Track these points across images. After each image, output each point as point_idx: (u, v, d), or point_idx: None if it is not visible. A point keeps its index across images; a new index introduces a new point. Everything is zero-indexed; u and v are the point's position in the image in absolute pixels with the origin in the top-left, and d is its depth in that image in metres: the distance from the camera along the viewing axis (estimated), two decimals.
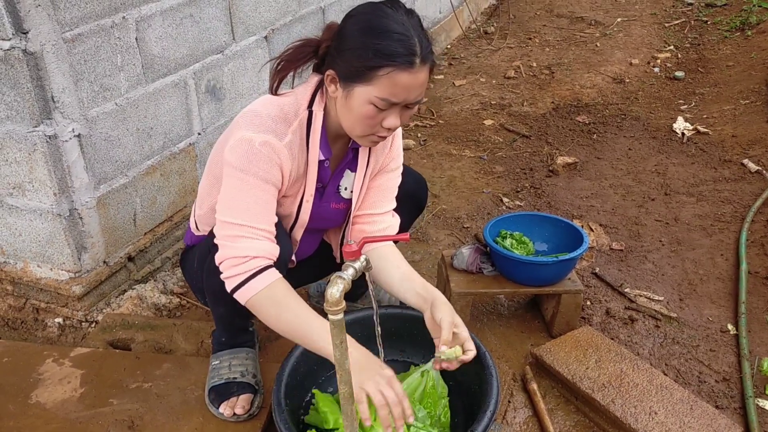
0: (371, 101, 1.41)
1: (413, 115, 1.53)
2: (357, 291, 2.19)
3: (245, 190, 1.48)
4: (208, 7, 2.43)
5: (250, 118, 1.51)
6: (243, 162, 1.47)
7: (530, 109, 4.22)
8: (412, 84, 1.40)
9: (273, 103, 1.54)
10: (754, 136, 3.66)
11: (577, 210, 3.08)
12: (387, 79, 1.38)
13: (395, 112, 1.45)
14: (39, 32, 1.80)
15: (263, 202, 1.50)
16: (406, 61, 1.37)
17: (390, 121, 1.46)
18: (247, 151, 1.47)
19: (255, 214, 1.49)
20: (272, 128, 1.50)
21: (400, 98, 1.41)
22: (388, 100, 1.41)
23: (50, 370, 1.90)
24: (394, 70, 1.37)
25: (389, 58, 1.37)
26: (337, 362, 1.24)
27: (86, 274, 2.15)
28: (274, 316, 1.49)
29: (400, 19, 1.40)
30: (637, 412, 1.79)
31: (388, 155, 1.73)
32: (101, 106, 2.06)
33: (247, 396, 1.74)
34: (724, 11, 5.88)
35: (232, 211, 1.49)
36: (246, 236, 1.48)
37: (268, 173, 1.49)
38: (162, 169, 2.38)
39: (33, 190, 2.00)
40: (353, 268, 1.27)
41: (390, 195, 1.77)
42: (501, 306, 2.40)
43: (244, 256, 1.47)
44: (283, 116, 1.53)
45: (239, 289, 1.48)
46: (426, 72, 1.43)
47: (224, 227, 1.50)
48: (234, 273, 1.48)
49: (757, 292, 2.46)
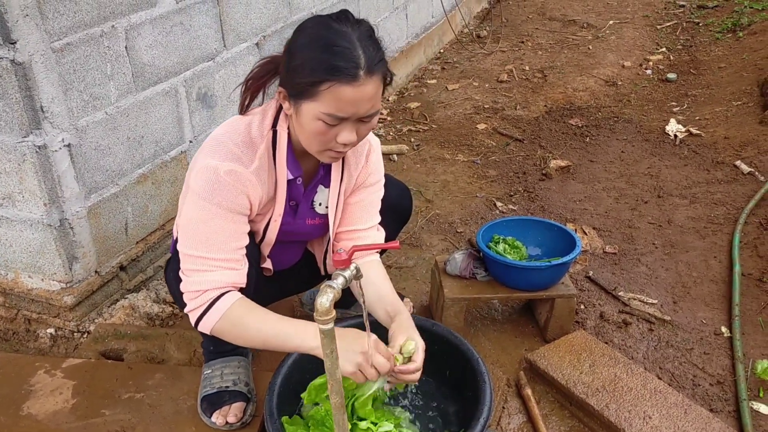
0: (318, 117, 1.38)
1: (373, 128, 1.49)
2: (350, 298, 2.18)
3: (205, 220, 1.47)
4: (198, 14, 2.43)
5: (215, 145, 1.49)
6: (206, 191, 1.46)
7: (523, 113, 4.22)
8: (358, 97, 1.35)
9: (239, 127, 1.53)
10: (746, 137, 3.67)
11: (571, 213, 3.08)
12: (329, 94, 1.34)
13: (347, 126, 1.41)
14: (27, 42, 1.79)
15: (224, 231, 1.49)
16: (348, 75, 1.33)
17: (344, 136, 1.41)
18: (210, 179, 1.46)
19: (213, 244, 1.48)
20: (238, 156, 1.49)
21: (347, 113, 1.37)
22: (334, 115, 1.37)
23: (42, 381, 1.89)
24: (335, 84, 1.33)
25: (330, 73, 1.33)
26: (328, 371, 1.23)
27: (78, 284, 2.14)
28: (241, 337, 1.51)
29: (343, 32, 1.36)
30: (632, 417, 1.79)
31: (364, 170, 1.70)
32: (91, 115, 2.05)
33: (239, 404, 1.74)
34: (716, 13, 5.90)
35: (190, 242, 1.49)
36: (201, 269, 1.49)
37: (233, 202, 1.48)
38: (153, 177, 2.37)
39: (23, 201, 1.99)
40: (343, 277, 1.26)
41: (373, 210, 1.75)
42: (495, 311, 2.40)
43: (197, 290, 1.49)
44: (250, 141, 1.52)
45: (200, 323, 1.50)
46: (375, 84, 1.37)
47: (183, 259, 1.51)
48: (192, 307, 1.50)
49: (751, 294, 2.46)
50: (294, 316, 2.28)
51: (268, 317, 1.49)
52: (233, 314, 1.48)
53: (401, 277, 2.61)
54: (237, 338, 1.52)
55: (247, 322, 1.49)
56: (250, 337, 1.50)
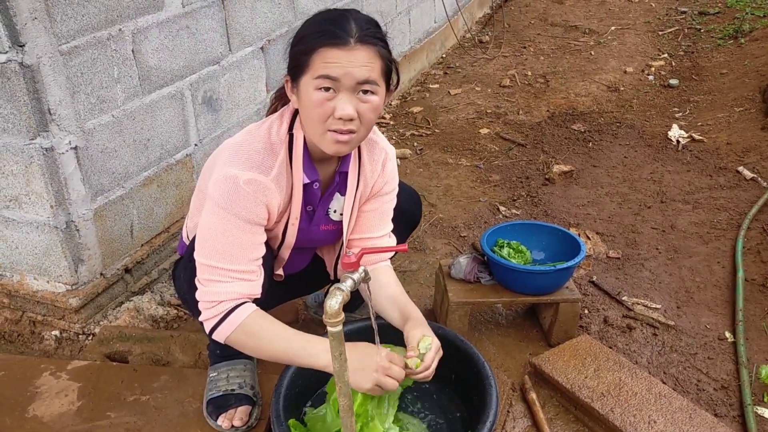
0: (315, 86, 1.38)
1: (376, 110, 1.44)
2: (355, 302, 2.19)
3: (223, 230, 1.47)
4: (204, 18, 2.44)
5: (235, 153, 1.49)
6: (225, 200, 1.46)
7: (526, 118, 4.23)
8: (349, 59, 1.36)
9: (260, 133, 1.53)
10: (748, 143, 3.68)
11: (574, 218, 3.09)
12: (319, 57, 1.37)
13: (344, 96, 1.39)
14: (35, 45, 1.80)
15: (241, 243, 1.49)
16: (336, 37, 1.36)
17: (340, 107, 1.39)
18: (230, 189, 1.46)
19: (230, 255, 1.48)
20: (258, 163, 1.49)
21: (339, 72, 1.36)
22: (326, 75, 1.36)
23: (47, 383, 1.89)
24: (323, 47, 1.36)
25: (318, 38, 1.37)
26: (336, 374, 1.24)
27: (83, 287, 2.14)
28: (254, 349, 1.53)
29: (341, 11, 1.42)
30: (636, 421, 1.79)
31: (380, 178, 1.70)
32: (98, 118, 2.06)
33: (245, 408, 1.74)
34: (718, 19, 5.92)
35: (207, 251, 1.49)
36: (217, 280, 1.49)
37: (251, 213, 1.48)
38: (159, 180, 2.38)
39: (30, 203, 2.00)
40: (352, 279, 1.27)
41: (386, 218, 1.76)
42: (499, 315, 2.40)
43: (213, 300, 1.50)
44: (270, 147, 1.52)
45: (215, 332, 1.51)
46: (368, 53, 1.38)
47: (199, 268, 1.51)
48: (207, 316, 1.51)
49: (754, 299, 2.47)
50: (299, 318, 2.31)
51: (282, 332, 1.50)
52: (248, 327, 1.49)
53: (405, 281, 2.61)
54: (250, 350, 1.54)
55: (261, 335, 1.50)
56: (262, 349, 1.51)
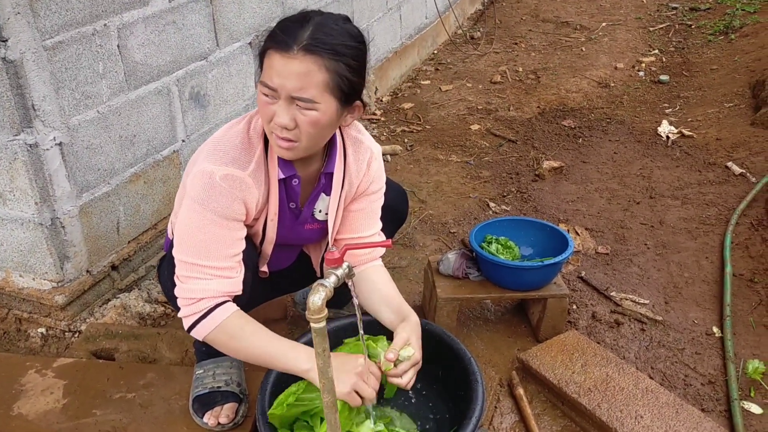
0: (260, 88, 1.40)
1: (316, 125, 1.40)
2: (343, 298, 2.18)
3: (201, 226, 1.47)
4: (191, 13, 2.42)
5: (213, 148, 1.49)
6: (202, 196, 1.45)
7: (516, 114, 4.23)
8: (284, 70, 1.34)
9: (239, 128, 1.53)
10: (738, 138, 3.69)
11: (563, 214, 3.09)
12: (266, 61, 1.38)
13: (282, 104, 1.37)
14: (19, 40, 1.78)
15: (218, 238, 1.48)
16: (281, 42, 1.35)
17: (277, 116, 1.38)
18: (207, 184, 1.45)
19: (207, 251, 1.47)
20: (235, 158, 1.48)
21: (274, 82, 1.35)
22: (264, 83, 1.37)
23: (33, 381, 1.88)
24: (269, 50, 1.37)
25: (269, 39, 1.38)
26: (320, 370, 1.23)
27: (69, 284, 2.13)
28: (234, 350, 1.53)
29: (306, 13, 1.41)
30: (623, 416, 1.79)
31: (365, 177, 1.68)
32: (83, 114, 2.04)
33: (231, 405, 1.73)
34: (708, 15, 5.93)
35: (185, 248, 1.49)
36: (195, 276, 1.48)
37: (228, 208, 1.47)
38: (146, 176, 2.36)
39: (14, 200, 1.98)
40: (335, 275, 1.26)
41: (374, 217, 1.75)
42: (488, 311, 2.40)
43: (192, 297, 1.49)
44: (248, 142, 1.51)
45: (193, 329, 1.51)
46: (308, 64, 1.33)
47: (178, 265, 1.50)
48: (186, 313, 1.50)
49: (742, 294, 2.48)
50: (287, 315, 2.30)
51: (262, 335, 1.50)
52: (228, 327, 1.49)
53: (394, 277, 2.57)
54: (229, 350, 1.53)
55: (242, 336, 1.49)
56: (242, 351, 1.51)
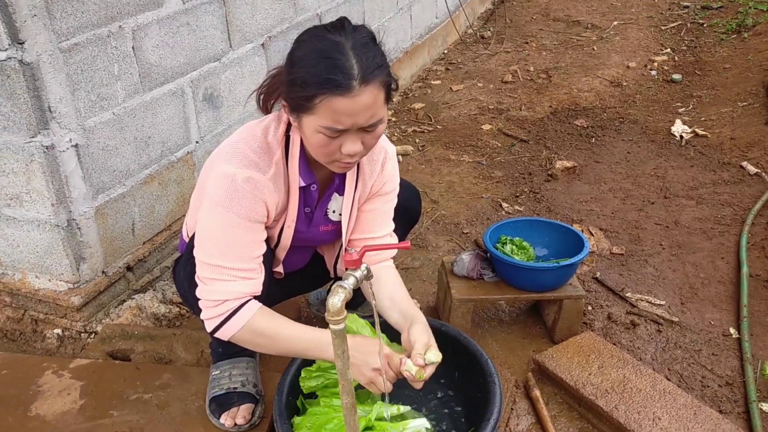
0: (318, 131, 1.36)
1: (380, 135, 1.44)
2: (357, 300, 2.18)
3: (224, 228, 1.46)
4: (204, 15, 2.43)
5: (232, 152, 1.48)
6: (225, 199, 1.45)
7: (528, 114, 4.22)
8: (354, 108, 1.32)
9: (256, 133, 1.52)
10: (752, 138, 3.66)
11: (577, 214, 3.07)
12: (325, 107, 1.31)
13: (350, 137, 1.37)
14: (35, 42, 1.79)
15: (242, 241, 1.48)
16: (341, 86, 1.29)
17: (347, 147, 1.38)
18: (229, 187, 1.45)
19: (231, 254, 1.48)
20: (255, 162, 1.47)
21: (345, 124, 1.34)
22: (332, 128, 1.34)
23: (50, 381, 1.89)
24: (328, 96, 1.30)
25: (322, 86, 1.30)
26: (339, 372, 1.23)
27: (85, 285, 2.13)
28: (264, 346, 1.55)
29: (336, 42, 1.33)
30: (641, 418, 1.78)
31: (379, 178, 1.68)
32: (98, 115, 2.05)
33: (248, 406, 1.73)
34: (720, 14, 5.89)
35: (208, 250, 1.48)
36: (219, 278, 1.48)
37: (251, 210, 1.47)
38: (160, 178, 2.37)
39: (30, 201, 1.99)
40: (354, 277, 1.26)
41: (387, 217, 1.74)
42: (502, 312, 2.39)
43: (215, 299, 1.49)
44: (267, 146, 1.50)
45: (218, 330, 1.51)
46: (372, 92, 1.33)
47: (200, 266, 1.50)
48: (210, 315, 1.50)
49: (759, 295, 2.46)
50: (300, 316, 2.30)
51: (291, 328, 1.52)
52: (255, 325, 1.50)
53: (407, 278, 2.60)
54: (257, 347, 1.55)
55: (270, 333, 1.51)
56: (273, 346, 1.53)
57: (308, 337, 1.50)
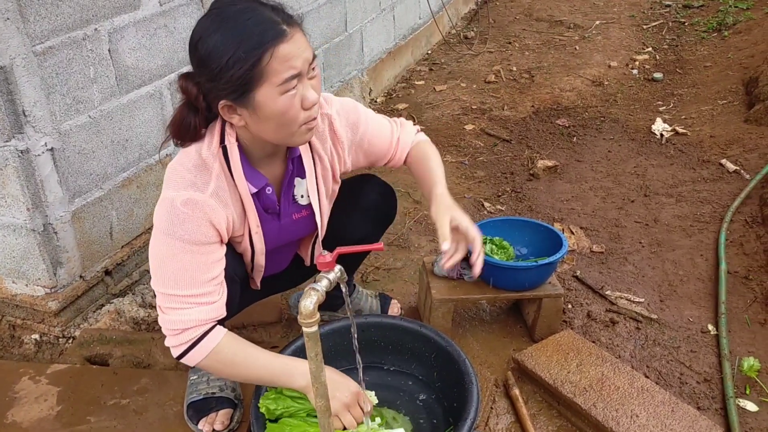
0: (279, 92, 1.32)
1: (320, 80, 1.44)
2: (337, 301, 2.18)
3: (171, 256, 1.43)
4: (182, 17, 2.41)
5: (170, 175, 1.46)
6: (166, 225, 1.42)
7: (511, 114, 4.23)
8: (296, 49, 1.32)
9: (190, 152, 1.47)
10: (731, 136, 3.69)
11: (558, 213, 3.09)
12: (274, 61, 1.29)
13: (305, 86, 1.36)
14: (8, 46, 1.77)
15: (192, 266, 1.44)
16: (278, 33, 1.30)
17: (309, 95, 1.36)
18: (169, 213, 1.42)
19: (183, 281, 1.44)
20: (192, 181, 1.44)
21: (299, 66, 1.33)
22: (291, 75, 1.32)
23: (26, 387, 1.88)
24: (271, 48, 1.28)
25: (261, 44, 1.28)
26: (313, 375, 1.23)
27: (62, 290, 2.12)
28: (229, 374, 1.55)
29: (238, 9, 1.31)
30: (619, 416, 1.79)
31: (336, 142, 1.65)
32: (74, 119, 2.04)
33: (226, 411, 1.72)
34: (701, 12, 5.94)
35: (161, 279, 1.46)
36: (176, 307, 1.46)
37: (196, 233, 1.43)
38: (138, 181, 2.36)
39: (5, 206, 1.97)
40: (327, 279, 1.26)
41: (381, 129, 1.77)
42: (483, 311, 2.40)
43: (175, 329, 1.46)
44: (202, 163, 1.46)
45: (183, 358, 1.49)
46: (299, 31, 1.34)
47: (157, 295, 1.49)
48: (173, 343, 1.48)
49: (737, 291, 2.48)
50: (282, 318, 2.29)
51: (255, 356, 1.50)
52: (221, 353, 1.48)
53: (389, 278, 2.60)
54: (222, 375, 1.55)
55: (236, 361, 1.49)
56: (237, 375, 1.52)
57: (276, 364, 1.50)
